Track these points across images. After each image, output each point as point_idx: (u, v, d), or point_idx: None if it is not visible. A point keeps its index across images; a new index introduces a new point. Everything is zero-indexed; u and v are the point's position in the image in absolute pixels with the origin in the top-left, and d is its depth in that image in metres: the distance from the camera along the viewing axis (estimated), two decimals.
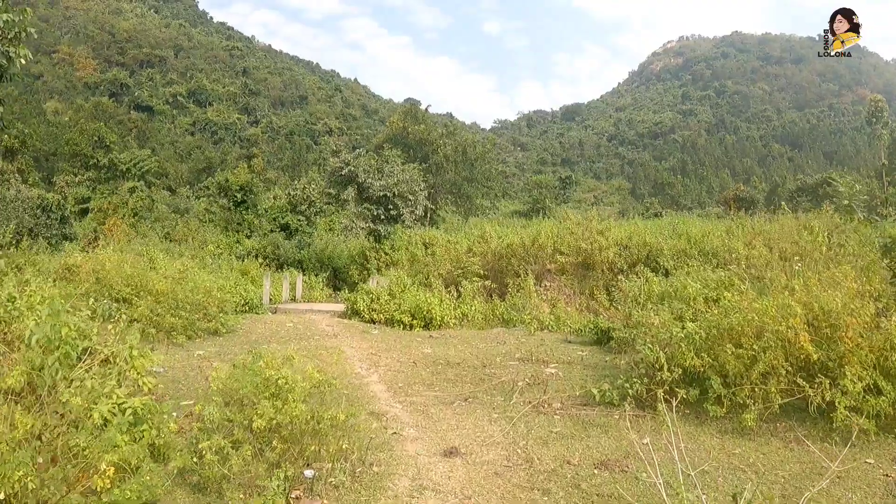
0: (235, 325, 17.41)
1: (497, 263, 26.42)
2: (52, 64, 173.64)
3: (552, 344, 16.33)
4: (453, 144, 55.15)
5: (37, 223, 50.27)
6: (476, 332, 19.09)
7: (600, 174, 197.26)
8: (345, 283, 33.77)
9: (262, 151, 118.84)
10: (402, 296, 21.60)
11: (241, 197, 49.88)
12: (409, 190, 33.56)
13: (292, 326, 18.45)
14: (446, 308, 20.62)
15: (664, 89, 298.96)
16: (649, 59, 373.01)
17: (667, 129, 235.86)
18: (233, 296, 21.90)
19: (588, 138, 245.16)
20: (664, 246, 23.95)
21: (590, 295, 23.00)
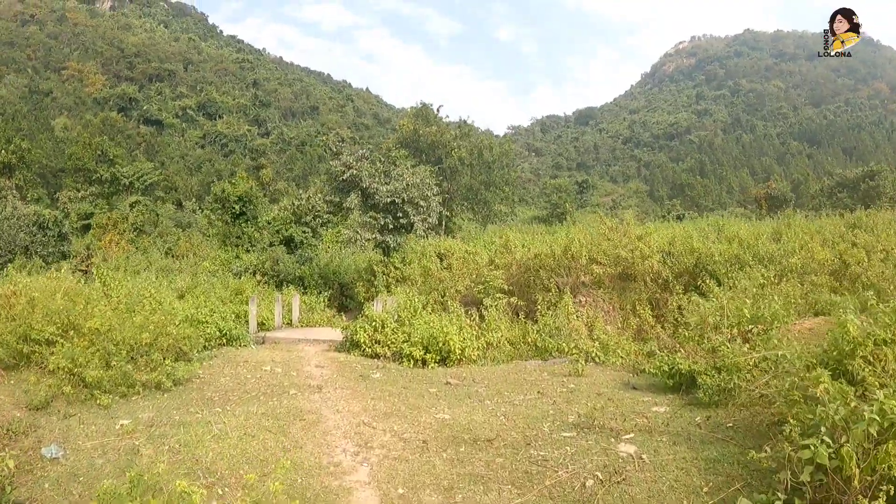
0: (192, 373, 13.40)
1: (523, 276, 22.91)
2: (61, 81, 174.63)
3: (611, 390, 12.46)
4: (468, 146, 51.26)
5: (33, 241, 47.81)
6: (506, 371, 15.20)
7: (617, 177, 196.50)
8: (353, 301, 30.22)
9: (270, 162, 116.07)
10: (412, 322, 17.82)
11: (240, 208, 46.18)
12: (420, 195, 29.68)
13: (269, 371, 14.46)
14: (467, 337, 16.72)
15: (678, 90, 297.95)
16: (661, 60, 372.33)
17: (682, 129, 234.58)
18: (206, 326, 18.20)
19: (603, 141, 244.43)
20: (714, 251, 20.43)
21: (631, 310, 19.59)
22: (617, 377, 14.11)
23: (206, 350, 17.22)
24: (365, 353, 17.32)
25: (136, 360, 12.73)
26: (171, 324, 14.81)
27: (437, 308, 22.21)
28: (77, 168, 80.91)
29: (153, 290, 18.72)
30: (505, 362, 16.81)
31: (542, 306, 19.63)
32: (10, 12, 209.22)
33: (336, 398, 11.84)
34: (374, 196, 29.13)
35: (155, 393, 12.14)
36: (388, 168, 30.54)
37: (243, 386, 12.81)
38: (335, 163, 30.04)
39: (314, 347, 19.07)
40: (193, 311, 18.71)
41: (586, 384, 13.15)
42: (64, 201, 74.06)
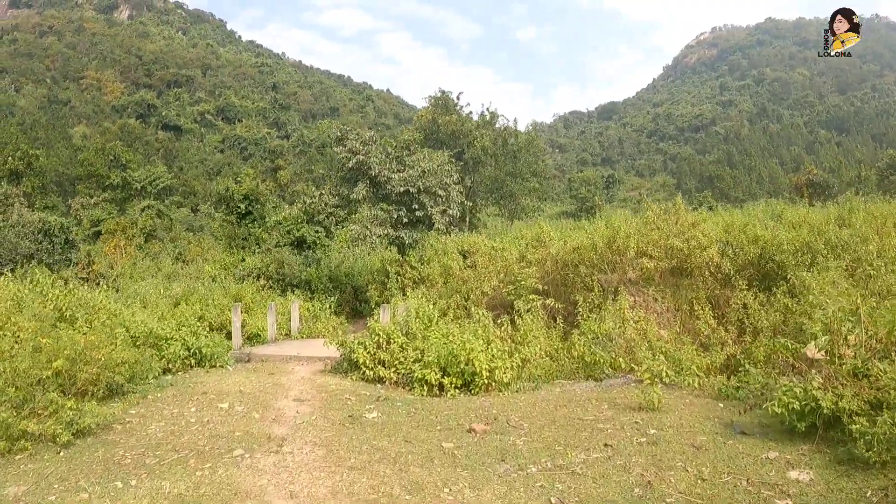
0: (111, 417, 9.60)
1: (560, 274, 19.61)
2: (79, 90, 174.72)
3: (712, 439, 8.74)
4: (491, 135, 47.39)
5: (38, 248, 45.38)
6: (551, 402, 11.45)
7: (643, 171, 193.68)
8: (367, 306, 26.54)
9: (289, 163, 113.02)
10: (426, 336, 14.08)
11: (246, 208, 42.68)
12: (438, 183, 25.88)
13: (225, 409, 10.66)
14: (496, 354, 12.94)
15: (701, 81, 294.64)
16: (683, 52, 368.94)
17: (707, 121, 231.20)
18: (170, 344, 14.63)
19: (627, 135, 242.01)
20: (783, 239, 16.75)
21: (688, 312, 16.37)
22: (706, 411, 10.38)
23: (168, 375, 13.68)
24: (366, 376, 13.58)
25: (32, 400, 9.12)
26: (107, 345, 11.19)
27: (459, 314, 18.71)
28: (90, 174, 78.88)
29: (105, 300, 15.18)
30: (545, 384, 13.23)
31: (584, 309, 16.43)
32: (28, 24, 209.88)
33: (299, 466, 7.93)
34: (386, 186, 25.43)
35: (48, 450, 8.51)
36: (401, 154, 26.80)
37: (177, 438, 9.04)
38: (339, 149, 26.30)
39: (306, 367, 15.39)
40: (155, 324, 15.03)
41: (671, 427, 9.38)
42: (76, 208, 71.72)
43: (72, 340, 10.64)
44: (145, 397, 11.53)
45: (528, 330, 14.92)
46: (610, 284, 17.83)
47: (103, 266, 42.26)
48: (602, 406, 10.94)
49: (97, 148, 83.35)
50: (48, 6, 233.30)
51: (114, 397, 11.26)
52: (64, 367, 10.18)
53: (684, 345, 14.52)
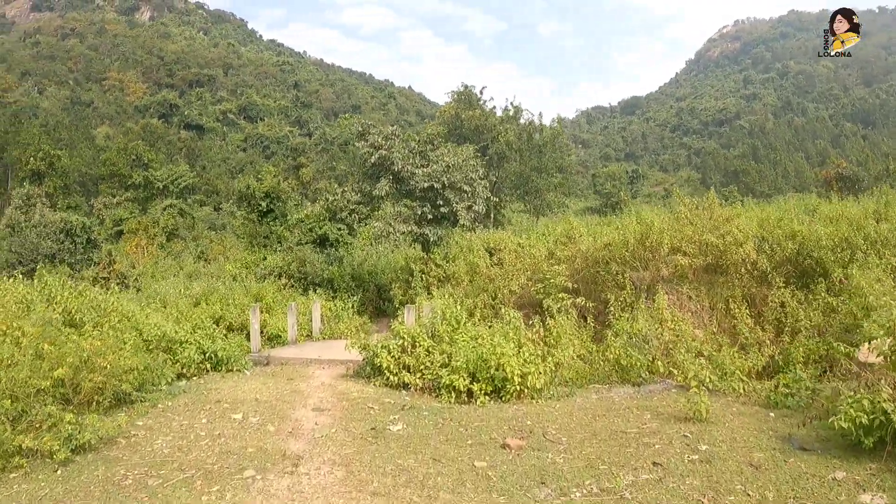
0: (115, 431, 8.84)
1: (590, 271, 18.77)
2: (102, 91, 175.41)
3: (770, 456, 7.97)
4: (516, 129, 46.50)
5: (60, 248, 45.48)
6: (589, 411, 10.66)
7: (667, 166, 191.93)
8: (391, 305, 25.78)
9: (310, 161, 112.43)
10: (454, 338, 13.25)
11: (267, 205, 41.99)
12: (463, 179, 24.96)
13: (238, 421, 9.87)
14: (529, 358, 12.07)
15: (724, 75, 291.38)
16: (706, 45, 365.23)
17: (731, 115, 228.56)
18: (185, 348, 13.89)
19: (650, 130, 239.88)
20: (821, 234, 16.08)
21: (724, 311, 15.76)
22: (757, 422, 9.57)
23: (182, 380, 12.96)
24: (389, 381, 12.75)
25: (31, 412, 8.40)
26: (114, 351, 10.46)
27: (486, 314, 17.92)
28: (112, 174, 79.09)
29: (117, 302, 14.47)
30: (579, 389, 12.46)
31: (616, 308, 15.67)
32: (50, 27, 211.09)
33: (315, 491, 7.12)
34: (409, 181, 24.55)
35: (45, 468, 7.80)
36: (425, 148, 25.93)
37: (184, 455, 8.25)
38: (361, 144, 25.44)
39: (327, 372, 14.60)
40: (168, 327, 14.29)
41: (723, 441, 8.55)
42: (99, 208, 71.75)
43: (76, 347, 9.94)
44: (155, 406, 10.81)
45: (563, 332, 14.02)
46: (642, 282, 17.12)
47: (124, 265, 42.05)
48: (644, 416, 10.12)
49: (119, 148, 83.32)
50: (70, 9, 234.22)
51: (121, 407, 10.57)
52: (66, 375, 9.50)
53: (721, 346, 13.79)
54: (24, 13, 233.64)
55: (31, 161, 70.51)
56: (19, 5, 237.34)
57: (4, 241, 50.79)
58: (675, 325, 14.41)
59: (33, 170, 70.22)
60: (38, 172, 70.75)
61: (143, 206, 70.23)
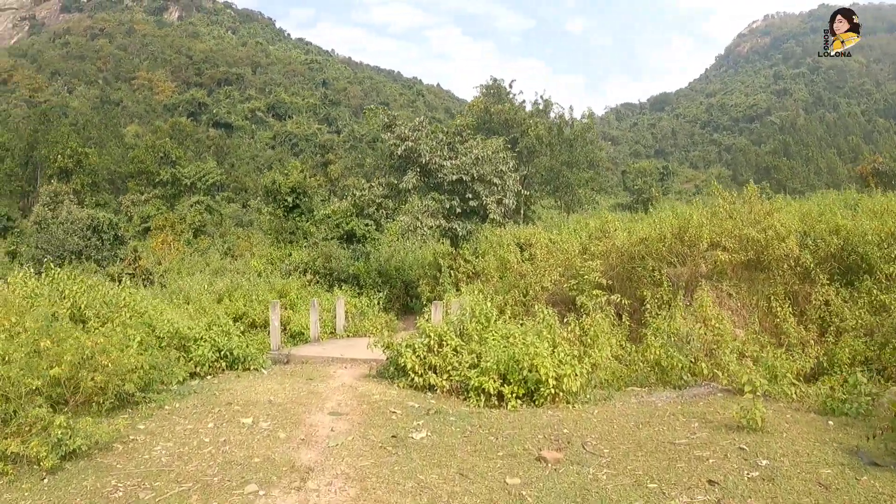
0: (111, 435, 8.01)
1: (625, 268, 18.24)
2: (131, 90, 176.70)
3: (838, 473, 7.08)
4: (546, 123, 45.43)
5: (87, 244, 45.59)
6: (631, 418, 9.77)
7: (697, 163, 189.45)
8: (418, 302, 25.05)
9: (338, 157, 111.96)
10: (484, 337, 12.34)
11: (293, 201, 41.32)
12: (493, 171, 24.03)
13: (248, 427, 9.00)
14: (564, 358, 11.14)
15: (754, 71, 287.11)
16: (735, 41, 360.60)
17: (762, 111, 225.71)
18: (200, 346, 13.12)
19: (680, 127, 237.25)
20: (867, 228, 15.45)
21: (766, 309, 15.14)
22: (817, 432, 8.69)
23: (195, 379, 12.21)
24: (414, 383, 11.86)
25: (22, 414, 7.65)
26: (118, 349, 9.69)
27: (517, 311, 17.06)
28: (140, 171, 79.32)
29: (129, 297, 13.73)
30: (617, 392, 11.66)
31: (653, 305, 15.02)
32: (80, 27, 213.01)
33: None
34: (437, 174, 23.69)
35: (33, 475, 7.05)
36: (453, 140, 25.04)
37: (184, 464, 7.38)
38: (388, 136, 24.58)
39: (349, 371, 13.77)
40: (181, 324, 13.50)
41: (783, 454, 7.68)
42: (127, 205, 71.75)
43: (77, 343, 9.17)
44: (161, 408, 10.02)
45: (600, 330, 13.08)
46: (679, 279, 16.38)
47: (150, 262, 41.75)
48: (692, 424, 9.20)
49: (147, 145, 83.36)
50: (99, 9, 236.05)
51: (125, 408, 9.81)
52: (64, 374, 8.72)
53: (762, 346, 13.10)
54: (53, 14, 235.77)
55: (58, 159, 70.60)
56: (49, 7, 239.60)
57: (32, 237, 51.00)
58: (715, 323, 13.48)
59: (61, 167, 70.41)
60: (65, 170, 70.95)
61: (171, 203, 70.04)
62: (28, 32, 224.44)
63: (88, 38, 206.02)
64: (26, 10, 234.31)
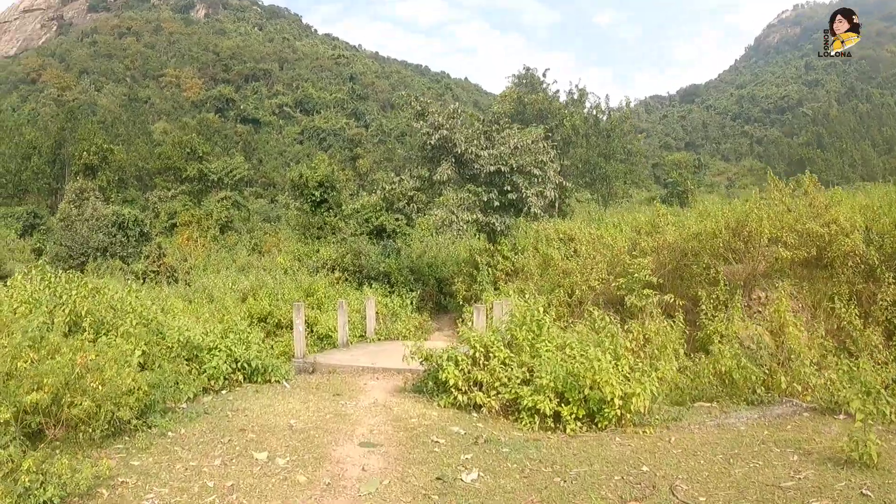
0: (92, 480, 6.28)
1: (678, 265, 16.94)
2: (159, 87, 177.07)
3: None
4: (581, 113, 43.70)
5: (112, 241, 45.36)
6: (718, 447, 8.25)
7: (728, 155, 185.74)
8: (452, 301, 23.56)
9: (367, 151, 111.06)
10: (536, 347, 10.72)
11: (321, 195, 39.83)
12: (532, 161, 22.36)
13: (263, 462, 7.25)
14: (631, 374, 9.58)
15: (784, 61, 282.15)
16: (765, 31, 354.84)
17: (793, 102, 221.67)
18: (214, 356, 11.64)
19: (711, 119, 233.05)
20: None
21: (829, 311, 14.07)
22: None
23: (209, 395, 10.76)
24: (457, 402, 10.27)
25: None
26: (114, 366, 8.22)
27: (562, 312, 15.53)
28: (167, 167, 78.25)
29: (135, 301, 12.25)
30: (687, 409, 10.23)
31: (708, 306, 14.08)
32: (107, 26, 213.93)
33: None
34: (473, 165, 22.03)
35: None
36: (490, 129, 23.36)
37: None
38: (420, 124, 22.91)
39: (381, 384, 12.24)
40: (193, 332, 11.98)
41: None
42: (154, 201, 70.99)
43: (61, 362, 7.71)
44: (164, 435, 8.50)
45: (668, 339, 11.46)
46: (735, 277, 15.06)
47: (176, 258, 40.78)
48: (790, 457, 7.67)
49: (174, 141, 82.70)
50: (126, 8, 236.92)
51: (120, 436, 8.30)
52: (44, 401, 7.26)
53: (826, 352, 12.08)
54: (81, 14, 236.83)
55: (83, 155, 69.99)
56: (77, 7, 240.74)
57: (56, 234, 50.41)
58: (795, 330, 11.90)
59: (86, 164, 69.67)
60: (91, 166, 70.27)
61: (198, 198, 69.08)
62: (56, 32, 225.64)
63: (116, 36, 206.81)
64: (54, 11, 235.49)
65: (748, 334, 12.89)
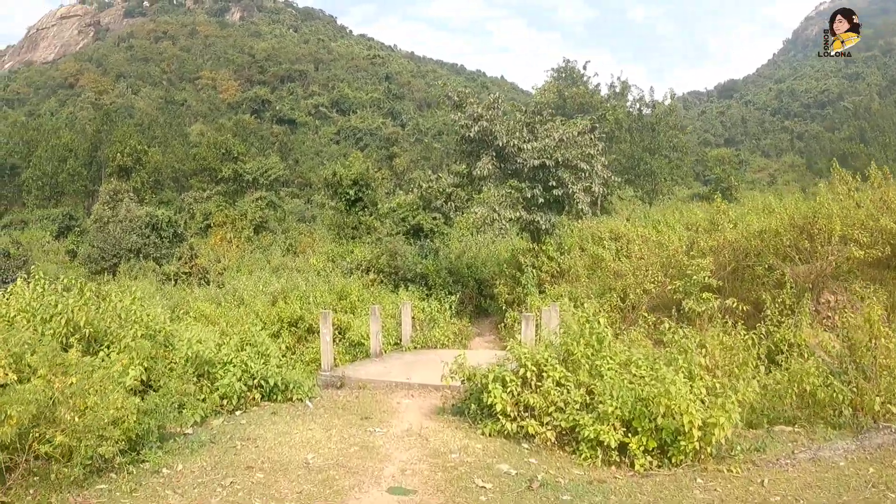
0: None
1: (739, 266, 15.73)
2: (195, 90, 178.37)
3: None
4: (625, 107, 41.98)
5: (146, 243, 45.27)
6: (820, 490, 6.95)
7: (769, 151, 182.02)
8: (493, 304, 22.01)
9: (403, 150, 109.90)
10: (597, 365, 9.14)
11: (356, 193, 38.48)
12: (579, 155, 20.70)
13: None
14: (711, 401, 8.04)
15: None
16: (803, 24, 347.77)
17: (834, 96, 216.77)
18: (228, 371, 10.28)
19: (750, 114, 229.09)
20: None
21: None
22: None
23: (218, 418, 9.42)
24: (504, 430, 8.75)
25: None
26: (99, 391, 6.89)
27: (614, 318, 14.07)
28: (202, 168, 78.16)
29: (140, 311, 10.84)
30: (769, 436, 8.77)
31: (773, 311, 12.84)
32: (143, 30, 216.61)
33: None
34: (515, 159, 20.43)
35: None
36: (532, 120, 21.76)
37: None
38: (458, 116, 21.32)
39: (416, 402, 10.82)
40: (204, 347, 10.55)
41: None
42: (189, 202, 70.69)
43: (33, 388, 6.39)
44: (158, 472, 7.14)
45: (750, 355, 9.91)
46: (801, 279, 14.10)
47: (209, 260, 39.99)
48: None
49: (209, 142, 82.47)
50: (161, 13, 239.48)
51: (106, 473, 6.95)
52: (7, 436, 5.96)
53: None
54: (117, 19, 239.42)
55: (117, 157, 69.96)
56: (113, 12, 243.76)
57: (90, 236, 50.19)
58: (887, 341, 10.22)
59: (120, 165, 69.86)
60: (124, 168, 70.35)
61: (233, 199, 68.50)
62: (93, 38, 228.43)
63: (152, 40, 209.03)
64: (91, 17, 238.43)
65: (818, 342, 11.50)
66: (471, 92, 22.57)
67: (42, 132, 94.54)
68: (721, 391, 8.39)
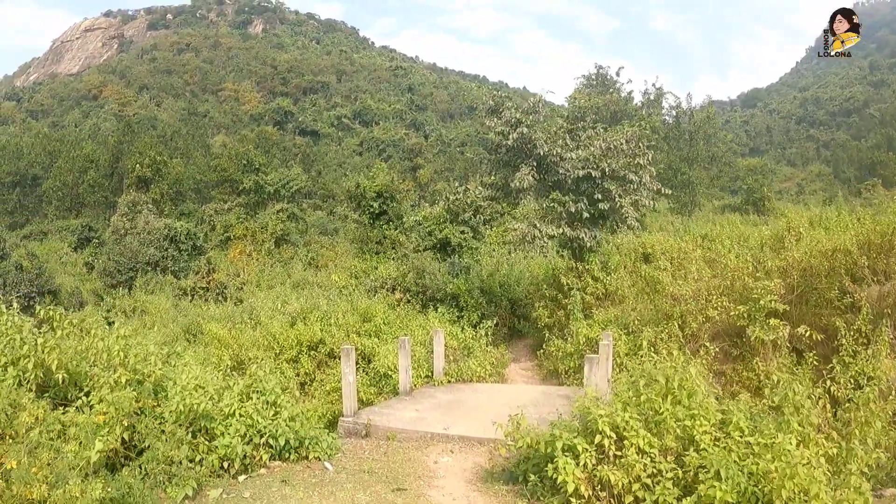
0: None
1: (807, 286, 13.65)
2: (218, 101, 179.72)
3: None
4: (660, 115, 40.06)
5: (164, 255, 44.57)
6: None
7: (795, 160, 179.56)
8: (528, 325, 20.43)
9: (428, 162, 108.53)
10: (686, 420, 7.14)
11: (380, 206, 36.74)
12: (628, 165, 18.70)
13: None
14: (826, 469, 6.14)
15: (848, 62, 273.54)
16: None
17: (859, 104, 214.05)
18: (229, 426, 8.44)
19: (775, 123, 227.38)
20: None
21: None
22: None
23: (216, 490, 7.60)
24: None
25: None
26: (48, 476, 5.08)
27: (671, 348, 12.18)
28: (224, 179, 76.84)
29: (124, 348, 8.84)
30: None
31: (848, 341, 10.88)
32: (166, 43, 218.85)
33: None
34: (556, 169, 18.46)
35: None
36: (574, 126, 19.83)
37: None
38: (494, 122, 19.32)
39: (458, 462, 8.89)
40: (199, 399, 8.55)
41: None
42: (209, 214, 69.49)
43: None
44: None
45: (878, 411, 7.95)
46: (878, 303, 12.15)
47: (228, 273, 38.53)
48: None
49: (230, 154, 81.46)
50: (184, 25, 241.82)
51: None
52: None
53: None
54: (141, 32, 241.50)
55: (136, 168, 69.14)
56: (136, 25, 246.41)
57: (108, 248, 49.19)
58: None
59: (140, 176, 69.06)
60: (144, 179, 69.54)
61: (254, 211, 67.24)
62: (117, 50, 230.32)
63: (175, 53, 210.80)
64: (115, 30, 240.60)
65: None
66: (508, 95, 20.50)
67: (65, 143, 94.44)
68: (842, 458, 6.53)
